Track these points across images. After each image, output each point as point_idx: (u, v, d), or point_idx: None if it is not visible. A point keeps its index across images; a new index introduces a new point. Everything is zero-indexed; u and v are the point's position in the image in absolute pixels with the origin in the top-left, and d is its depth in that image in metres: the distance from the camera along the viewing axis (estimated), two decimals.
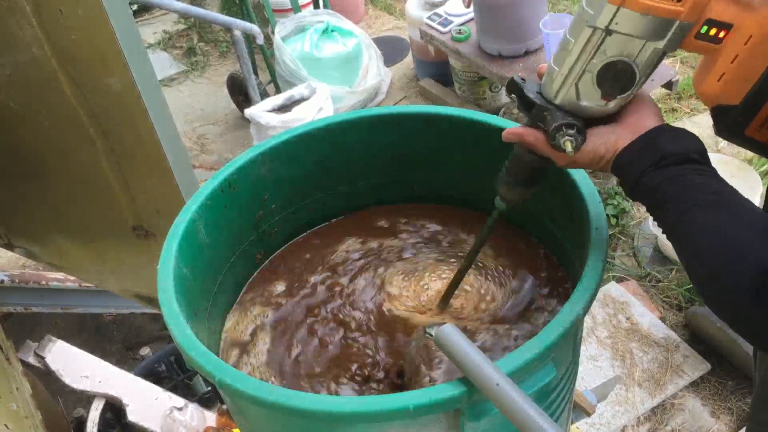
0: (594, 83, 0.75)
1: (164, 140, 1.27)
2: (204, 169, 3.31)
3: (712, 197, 0.70)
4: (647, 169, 0.73)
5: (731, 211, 0.68)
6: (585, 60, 0.74)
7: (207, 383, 2.14)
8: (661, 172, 0.73)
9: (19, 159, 1.58)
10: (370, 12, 4.42)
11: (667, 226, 0.74)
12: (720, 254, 0.66)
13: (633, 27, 0.70)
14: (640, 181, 0.74)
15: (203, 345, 0.82)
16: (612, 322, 2.31)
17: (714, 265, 0.67)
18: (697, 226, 0.69)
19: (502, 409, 0.68)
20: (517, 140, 0.83)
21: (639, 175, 0.74)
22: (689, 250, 0.70)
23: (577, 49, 0.74)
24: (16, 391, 1.49)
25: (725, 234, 0.67)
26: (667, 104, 3.29)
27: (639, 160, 0.75)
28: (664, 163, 0.73)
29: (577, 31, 0.73)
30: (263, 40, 2.87)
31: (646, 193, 0.74)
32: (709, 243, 0.67)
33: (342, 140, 1.15)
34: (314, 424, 0.79)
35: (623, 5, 0.69)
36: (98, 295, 2.28)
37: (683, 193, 0.71)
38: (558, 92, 0.78)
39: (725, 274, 0.66)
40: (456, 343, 0.73)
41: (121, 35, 1.14)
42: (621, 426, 2.06)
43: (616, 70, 0.74)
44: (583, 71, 0.75)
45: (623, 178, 0.77)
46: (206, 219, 1.02)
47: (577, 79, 0.76)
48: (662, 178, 0.72)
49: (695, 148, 0.74)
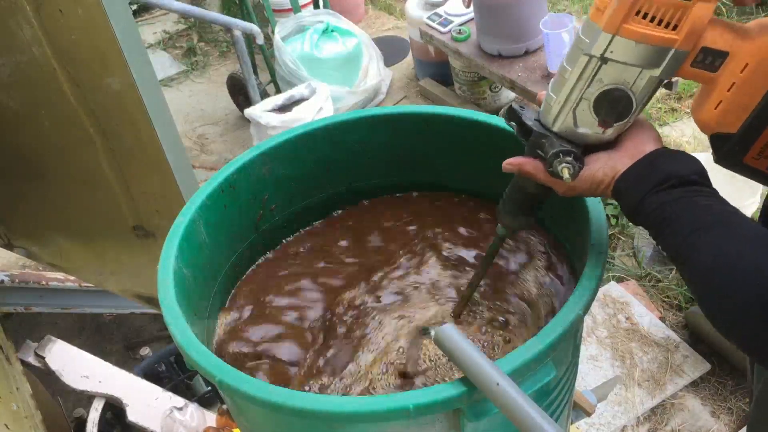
0: (591, 111, 0.76)
1: (164, 140, 1.27)
2: (204, 169, 3.31)
3: (714, 218, 0.69)
4: (648, 192, 0.73)
5: (735, 232, 0.68)
6: (582, 88, 0.75)
7: (207, 383, 2.14)
8: (662, 195, 0.72)
9: (19, 159, 1.58)
10: (370, 12, 4.42)
11: (671, 249, 0.73)
12: (728, 275, 0.65)
13: (628, 55, 0.71)
14: (641, 205, 0.74)
15: (203, 345, 0.82)
16: (612, 322, 2.32)
17: (722, 286, 0.66)
18: (702, 248, 0.68)
19: (503, 408, 0.69)
20: (517, 170, 0.83)
21: (640, 199, 0.74)
22: (696, 272, 0.69)
23: (574, 77, 0.74)
24: (17, 391, 1.49)
25: (732, 255, 0.66)
26: (667, 104, 3.29)
27: (639, 184, 0.74)
28: (665, 186, 0.73)
29: (574, 59, 0.74)
30: (263, 40, 2.87)
31: (647, 216, 0.74)
32: (716, 264, 0.67)
33: (342, 140, 1.15)
34: (314, 424, 0.79)
35: (618, 34, 0.69)
36: (98, 295, 2.28)
37: (686, 216, 0.70)
38: (555, 120, 0.78)
39: (735, 295, 0.65)
40: (456, 343, 0.73)
41: (121, 35, 1.14)
42: (621, 426, 2.06)
43: (613, 98, 0.74)
44: (580, 99, 0.76)
45: (624, 203, 0.76)
46: (206, 219, 1.02)
47: (574, 107, 0.76)
48: (663, 201, 0.72)
49: (695, 169, 0.74)
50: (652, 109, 3.25)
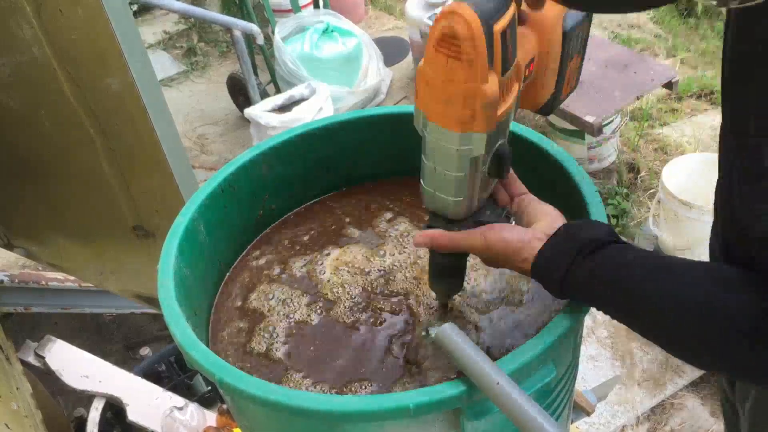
0: (489, 177, 0.79)
1: (164, 140, 1.27)
2: (204, 169, 3.31)
3: (654, 265, 0.70)
4: (574, 260, 0.73)
5: (681, 271, 0.68)
6: (479, 174, 0.78)
7: (207, 383, 2.14)
8: (588, 261, 0.72)
9: (19, 159, 1.58)
10: (370, 12, 4.43)
11: (614, 309, 0.73)
12: (698, 311, 0.65)
13: (492, 138, 0.74)
14: (567, 277, 0.73)
15: (204, 344, 0.82)
16: (612, 322, 2.32)
17: (695, 323, 0.66)
18: (659, 295, 0.68)
19: (503, 408, 0.69)
20: (431, 244, 0.83)
21: (566, 268, 0.73)
22: (660, 320, 0.69)
23: (471, 173, 0.77)
24: (17, 391, 1.49)
25: (692, 292, 0.66)
26: (667, 104, 3.29)
27: (562, 255, 0.74)
28: (589, 250, 0.72)
29: (464, 165, 0.76)
30: (263, 40, 2.87)
31: (579, 285, 0.73)
32: (682, 306, 0.66)
33: (342, 140, 1.16)
34: (314, 423, 0.79)
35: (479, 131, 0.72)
36: (98, 295, 2.28)
37: (624, 271, 0.71)
38: (471, 208, 0.81)
39: (713, 329, 0.65)
40: (456, 343, 0.73)
41: (121, 35, 1.14)
42: (621, 425, 2.06)
43: (499, 159, 0.77)
44: (480, 181, 0.79)
45: (549, 277, 0.75)
46: (206, 219, 1.02)
47: (479, 190, 0.80)
48: (592, 266, 0.72)
49: (608, 231, 0.75)
50: (653, 110, 3.25)
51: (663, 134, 3.10)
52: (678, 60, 3.55)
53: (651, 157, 3.00)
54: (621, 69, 2.75)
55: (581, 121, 2.55)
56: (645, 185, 2.88)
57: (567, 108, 2.59)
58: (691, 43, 3.67)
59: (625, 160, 2.97)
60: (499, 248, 0.78)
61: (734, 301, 0.64)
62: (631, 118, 3.14)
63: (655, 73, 2.70)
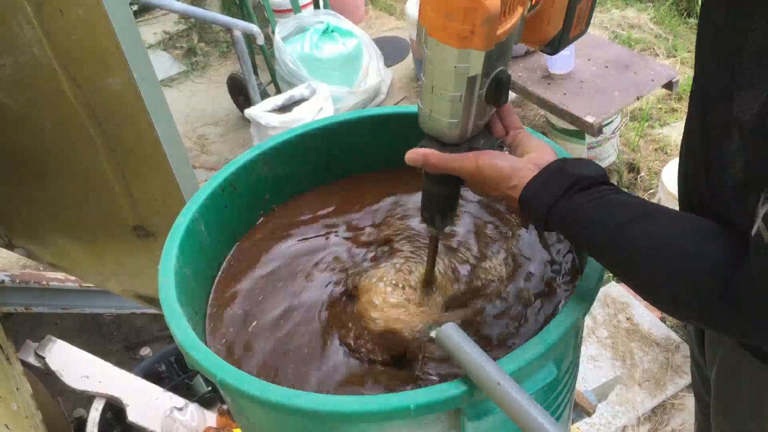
0: (485, 103, 0.79)
1: (164, 140, 1.27)
2: (204, 169, 3.31)
3: (639, 210, 0.71)
4: (563, 194, 0.74)
5: (665, 219, 0.70)
6: (475, 98, 0.78)
7: (207, 383, 2.14)
8: (577, 198, 0.73)
9: (20, 159, 1.58)
10: (370, 12, 4.43)
11: (596, 246, 0.74)
12: (674, 259, 0.67)
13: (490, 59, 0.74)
14: (555, 208, 0.74)
15: (204, 344, 0.82)
16: (612, 322, 2.32)
17: (669, 269, 0.67)
18: (639, 238, 0.69)
19: (504, 408, 0.69)
20: (422, 161, 0.83)
21: (553, 201, 0.74)
22: (637, 263, 0.70)
23: (468, 95, 0.77)
24: (17, 391, 1.49)
25: (671, 240, 0.68)
26: (667, 104, 3.29)
27: (550, 187, 0.75)
28: (579, 187, 0.74)
29: (461, 84, 0.76)
30: (263, 40, 2.87)
31: (563, 218, 0.74)
32: (659, 252, 0.68)
33: (342, 140, 1.16)
34: (315, 424, 0.79)
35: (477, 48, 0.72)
36: (98, 295, 2.28)
37: (609, 211, 0.72)
38: (465, 133, 0.81)
39: (686, 277, 0.66)
40: (457, 343, 0.73)
41: (122, 35, 1.14)
42: (621, 426, 2.06)
43: (498, 84, 0.77)
44: (476, 105, 0.79)
45: (534, 208, 0.76)
46: (207, 219, 1.02)
47: (474, 115, 0.80)
48: (581, 201, 0.73)
49: (601, 172, 0.76)
50: (653, 110, 3.25)
51: (663, 134, 3.10)
52: (678, 60, 3.55)
53: (651, 157, 3.00)
54: (621, 69, 2.75)
55: (581, 121, 2.55)
56: (645, 185, 2.88)
57: (567, 108, 2.59)
58: (691, 43, 3.67)
59: (625, 160, 2.97)
60: (489, 173, 0.79)
61: (712, 251, 0.66)
62: (631, 118, 3.14)
63: (655, 73, 2.70)
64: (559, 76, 2.73)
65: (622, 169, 2.92)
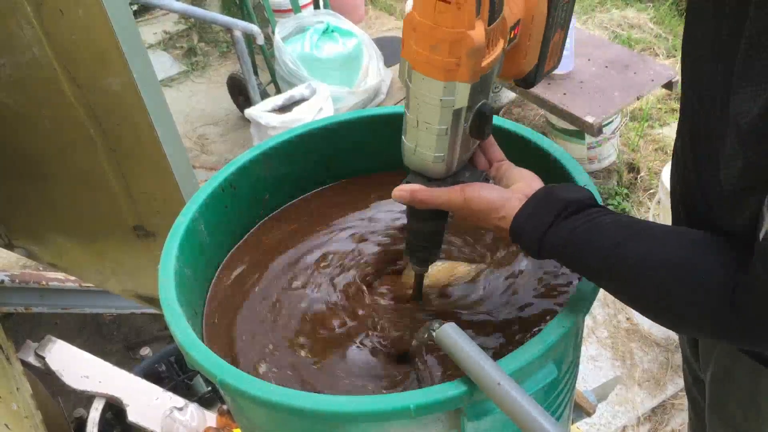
0: (470, 136, 0.79)
1: (164, 140, 1.27)
2: (204, 169, 3.31)
3: (632, 229, 0.71)
4: (553, 220, 0.74)
5: (659, 236, 0.70)
6: (461, 131, 0.78)
7: (207, 383, 2.14)
8: (570, 221, 0.73)
9: (20, 159, 1.58)
10: (370, 12, 4.43)
11: (592, 270, 0.74)
12: (674, 275, 0.66)
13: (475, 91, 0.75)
14: (546, 236, 0.74)
15: (204, 344, 0.82)
16: (612, 323, 2.32)
17: (671, 286, 0.67)
18: (636, 258, 0.69)
19: (504, 408, 0.68)
20: (410, 198, 0.82)
21: (545, 229, 0.74)
22: (636, 283, 0.70)
23: (454, 128, 0.77)
24: (17, 391, 1.49)
25: (669, 256, 0.67)
26: (666, 104, 3.29)
27: (540, 216, 0.75)
28: (569, 212, 0.73)
29: (447, 118, 0.76)
30: (263, 40, 2.87)
31: (556, 246, 0.74)
32: (658, 269, 0.67)
33: (342, 140, 1.16)
34: (315, 424, 0.79)
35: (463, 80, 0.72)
36: (98, 295, 2.28)
37: (602, 234, 0.71)
38: (450, 167, 0.81)
39: (688, 291, 0.66)
40: (457, 343, 0.73)
41: (122, 35, 1.14)
42: (621, 426, 2.06)
43: (481, 117, 0.78)
44: (461, 138, 0.79)
45: (526, 237, 0.76)
46: (207, 219, 1.02)
47: (460, 148, 0.80)
48: (572, 227, 0.72)
49: (589, 195, 0.76)
50: (653, 110, 3.25)
51: (663, 134, 3.10)
52: (678, 60, 3.55)
53: (651, 157, 2.99)
54: (621, 69, 2.75)
55: (581, 121, 2.55)
56: (645, 185, 2.88)
57: (567, 108, 2.59)
58: None
59: (625, 160, 2.97)
60: (477, 205, 0.79)
61: (712, 263, 0.65)
62: (631, 118, 3.14)
63: (655, 73, 2.70)
64: (559, 76, 2.73)
65: (622, 169, 2.92)
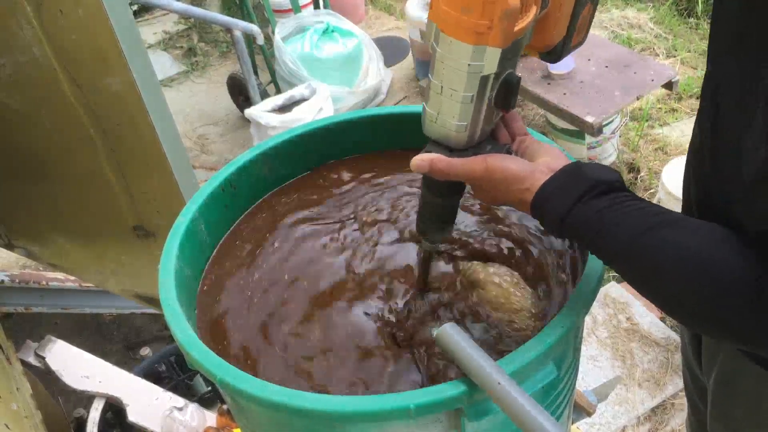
0: (494, 107, 0.77)
1: (164, 140, 1.27)
2: (204, 169, 3.31)
3: (661, 218, 0.68)
4: (580, 199, 0.71)
5: (690, 228, 0.67)
6: (486, 100, 0.76)
7: (207, 383, 2.14)
8: (597, 201, 0.71)
9: (20, 159, 1.58)
10: (370, 12, 4.43)
11: (615, 254, 0.71)
12: (702, 270, 0.64)
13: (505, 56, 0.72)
14: (572, 212, 0.71)
15: (204, 344, 0.82)
16: (612, 322, 2.32)
17: (697, 281, 0.64)
18: (663, 248, 0.66)
19: (504, 408, 0.68)
20: (429, 167, 0.79)
21: (570, 205, 0.71)
22: (661, 274, 0.67)
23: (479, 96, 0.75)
24: (17, 391, 1.49)
25: (699, 250, 0.65)
26: (667, 104, 3.29)
27: (567, 191, 0.72)
28: (597, 192, 0.71)
29: (473, 84, 0.74)
30: (263, 40, 2.87)
31: (580, 223, 0.71)
32: (686, 262, 0.65)
33: (342, 140, 1.16)
34: (315, 423, 0.79)
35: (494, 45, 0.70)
36: (98, 295, 2.28)
37: (629, 218, 0.69)
38: (473, 137, 0.79)
39: (715, 289, 0.63)
40: (457, 343, 0.73)
41: (122, 35, 1.14)
42: (621, 426, 2.06)
43: (508, 86, 0.75)
44: (485, 108, 0.77)
45: (549, 211, 0.73)
46: (207, 219, 1.02)
47: (483, 119, 0.77)
48: (600, 207, 0.70)
49: (617, 177, 0.73)
50: (653, 110, 3.25)
51: (663, 134, 3.10)
52: (678, 60, 3.55)
53: (651, 157, 3.00)
54: (621, 69, 2.75)
55: (581, 121, 2.55)
56: (645, 185, 2.88)
57: (567, 108, 2.59)
58: (691, 43, 3.67)
59: (625, 160, 2.97)
60: (500, 176, 0.76)
61: (742, 262, 0.63)
62: (631, 118, 3.14)
63: (655, 73, 2.70)
64: (559, 76, 2.73)
65: (622, 169, 2.92)
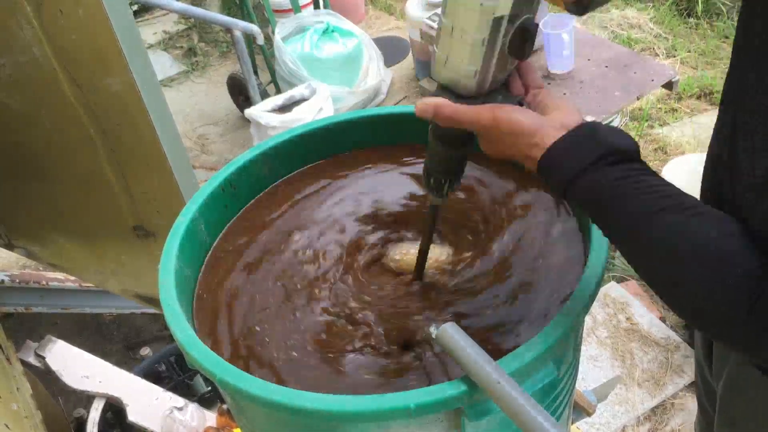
0: (508, 54, 0.72)
1: (164, 140, 1.27)
2: (204, 169, 3.31)
3: (677, 200, 0.64)
4: (592, 163, 0.66)
5: (706, 216, 0.64)
6: (498, 44, 0.71)
7: (207, 383, 2.14)
8: (611, 170, 0.66)
9: (20, 159, 1.58)
10: (370, 12, 4.42)
11: (619, 229, 0.67)
12: (710, 261, 0.61)
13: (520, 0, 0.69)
14: (583, 176, 0.67)
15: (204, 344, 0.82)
16: (612, 322, 2.32)
17: (702, 272, 0.62)
18: (673, 231, 0.62)
19: (504, 408, 0.69)
20: (433, 112, 0.74)
21: (581, 169, 0.67)
22: (665, 257, 0.64)
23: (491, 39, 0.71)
24: (17, 391, 1.49)
25: (704, 240, 0.62)
26: (667, 104, 3.29)
27: (580, 152, 0.67)
28: (612, 159, 0.66)
29: (485, 24, 0.69)
30: (263, 40, 2.87)
31: (590, 190, 0.67)
32: (695, 250, 0.62)
33: (342, 140, 1.16)
34: (315, 423, 0.79)
35: None
36: (98, 295, 2.28)
37: (643, 193, 0.65)
38: (483, 85, 0.74)
39: (719, 282, 0.61)
40: (457, 342, 0.73)
41: (122, 35, 1.14)
42: (621, 426, 2.06)
43: (523, 32, 0.70)
44: (497, 53, 0.72)
45: (558, 171, 0.68)
46: (207, 219, 1.02)
47: (495, 65, 0.73)
48: (614, 176, 0.66)
49: (636, 148, 0.69)
50: (652, 110, 3.25)
51: (663, 134, 3.10)
52: (678, 60, 3.55)
53: (651, 157, 2.99)
54: (621, 69, 2.75)
55: None
56: None
57: None
58: (691, 43, 3.67)
59: None
60: (507, 128, 0.71)
61: (751, 259, 0.60)
62: (631, 118, 3.14)
63: (655, 73, 2.70)
64: (559, 76, 2.73)
65: None
